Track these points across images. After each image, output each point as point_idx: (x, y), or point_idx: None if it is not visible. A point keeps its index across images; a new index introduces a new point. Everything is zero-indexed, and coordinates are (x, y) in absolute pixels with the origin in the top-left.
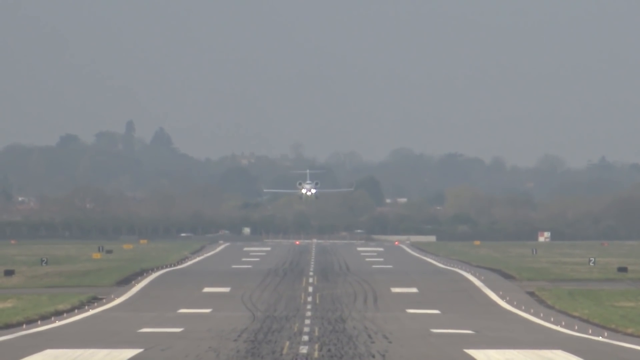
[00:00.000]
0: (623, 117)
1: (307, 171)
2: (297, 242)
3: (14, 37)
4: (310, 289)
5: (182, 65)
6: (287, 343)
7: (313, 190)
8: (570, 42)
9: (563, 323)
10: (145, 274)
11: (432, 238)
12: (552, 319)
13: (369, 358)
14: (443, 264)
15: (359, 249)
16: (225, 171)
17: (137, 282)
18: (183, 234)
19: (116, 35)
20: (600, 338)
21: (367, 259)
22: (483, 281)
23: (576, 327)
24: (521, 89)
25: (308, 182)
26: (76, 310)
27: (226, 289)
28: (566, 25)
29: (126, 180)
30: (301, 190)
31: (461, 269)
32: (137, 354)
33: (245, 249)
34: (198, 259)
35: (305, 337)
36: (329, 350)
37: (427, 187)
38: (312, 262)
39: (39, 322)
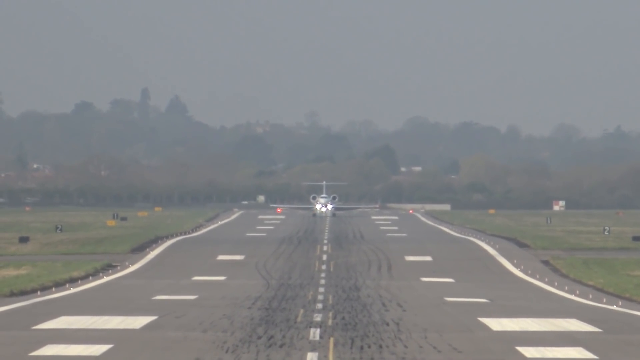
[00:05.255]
0: (639, 85)
1: (324, 183)
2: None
3: (29, 6)
4: (325, 257)
5: (197, 33)
6: (301, 311)
7: (329, 206)
8: (586, 9)
9: (577, 292)
10: (159, 242)
11: (446, 207)
12: (566, 288)
13: (383, 326)
14: (457, 232)
15: (374, 217)
16: (240, 139)
17: (152, 250)
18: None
19: (132, 3)
20: (614, 307)
21: (382, 228)
22: (497, 250)
23: (590, 296)
24: (536, 57)
25: (323, 195)
26: (90, 278)
27: (240, 257)
28: None
29: (141, 148)
30: (315, 205)
31: (476, 237)
32: (151, 321)
33: (260, 216)
34: (212, 226)
35: (320, 305)
36: (343, 318)
37: (442, 155)
38: (327, 230)
39: (54, 289)
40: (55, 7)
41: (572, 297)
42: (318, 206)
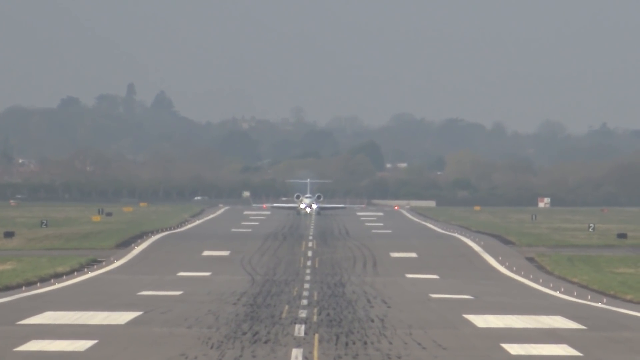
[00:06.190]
0: (624, 83)
1: (308, 180)
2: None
3: (14, 1)
4: (310, 253)
5: (183, 28)
6: (286, 307)
7: (314, 206)
8: (571, 6)
9: (562, 289)
10: (145, 237)
11: (432, 203)
12: (551, 285)
13: (368, 322)
14: (443, 229)
15: (359, 213)
16: (226, 135)
17: (137, 245)
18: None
19: None
20: (599, 304)
21: (367, 224)
22: (482, 246)
23: (575, 293)
24: (522, 54)
25: (308, 195)
26: (76, 273)
27: (226, 253)
28: None
29: (127, 143)
30: (299, 205)
31: (461, 234)
32: (136, 317)
33: (245, 212)
34: (198, 222)
35: (305, 301)
36: (328, 314)
37: (427, 152)
38: (312, 227)
39: (39, 284)
40: (42, 2)
41: (557, 294)
42: (302, 206)
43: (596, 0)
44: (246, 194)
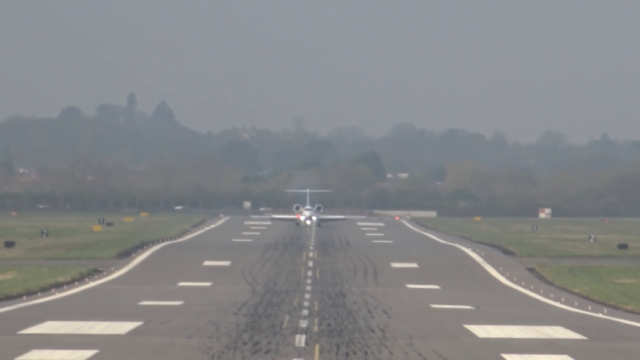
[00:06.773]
0: (625, 94)
1: (307, 190)
2: (299, 216)
3: (15, 9)
4: (311, 263)
5: (184, 39)
6: (287, 317)
7: (314, 218)
8: (573, 16)
9: (563, 299)
10: (145, 247)
11: (432, 213)
12: (552, 295)
13: (368, 333)
14: (443, 239)
15: (360, 223)
16: (227, 145)
17: (138, 255)
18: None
19: (118, 7)
20: (600, 315)
21: (368, 234)
22: (483, 257)
23: (576, 304)
24: (523, 64)
25: (307, 207)
26: (76, 283)
27: (226, 263)
28: (568, 0)
29: (127, 153)
30: (299, 217)
31: (461, 244)
32: (136, 327)
33: (246, 222)
34: (198, 232)
35: (305, 312)
36: (329, 324)
37: (428, 162)
38: (313, 237)
39: (39, 293)
40: (42, 11)
41: (558, 304)
42: (302, 217)
43: (597, 10)
44: (247, 204)
